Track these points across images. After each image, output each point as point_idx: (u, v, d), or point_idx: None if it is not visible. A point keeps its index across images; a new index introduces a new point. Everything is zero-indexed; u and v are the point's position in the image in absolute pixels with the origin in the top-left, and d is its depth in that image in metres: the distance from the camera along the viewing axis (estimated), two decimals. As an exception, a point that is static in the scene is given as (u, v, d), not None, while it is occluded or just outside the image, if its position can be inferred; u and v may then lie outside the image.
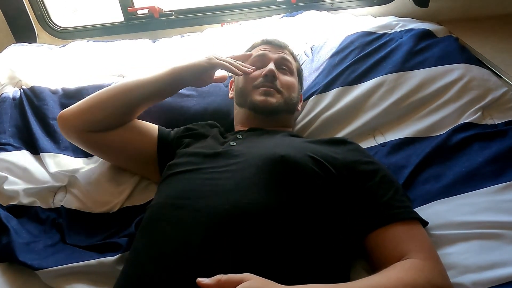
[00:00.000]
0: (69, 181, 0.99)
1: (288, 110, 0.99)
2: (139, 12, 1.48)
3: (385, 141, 1.02)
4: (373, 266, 0.71)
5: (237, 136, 0.90)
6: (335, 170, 0.75)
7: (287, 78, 0.99)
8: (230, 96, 1.08)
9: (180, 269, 0.61)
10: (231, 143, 0.86)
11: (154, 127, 0.99)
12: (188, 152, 0.86)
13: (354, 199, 0.74)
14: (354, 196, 0.74)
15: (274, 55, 1.01)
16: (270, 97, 0.94)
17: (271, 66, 0.97)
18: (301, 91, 1.10)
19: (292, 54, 1.08)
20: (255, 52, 1.04)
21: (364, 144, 1.01)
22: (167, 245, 0.65)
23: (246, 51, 1.09)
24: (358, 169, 0.77)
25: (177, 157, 0.87)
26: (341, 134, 1.05)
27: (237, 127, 1.01)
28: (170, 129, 1.01)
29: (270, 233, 0.64)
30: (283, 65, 1.01)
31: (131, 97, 0.95)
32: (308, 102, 1.10)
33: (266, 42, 1.06)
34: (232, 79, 1.11)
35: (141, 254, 0.67)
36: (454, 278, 0.68)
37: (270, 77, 0.95)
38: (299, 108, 1.07)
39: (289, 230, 0.66)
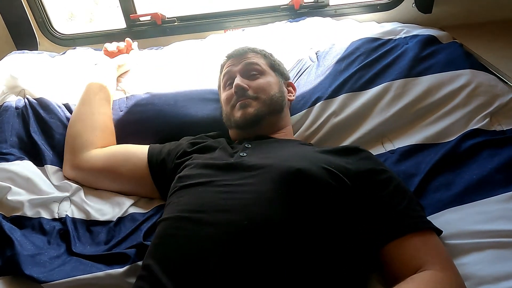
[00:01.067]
0: (73, 191, 0.97)
1: (273, 110, 0.97)
2: (141, 19, 1.47)
3: (393, 148, 1.01)
4: (389, 278, 0.70)
5: (246, 145, 0.89)
6: (349, 180, 0.74)
7: (258, 82, 0.98)
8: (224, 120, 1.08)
9: (197, 286, 0.60)
10: (241, 153, 0.84)
11: (143, 148, 1.00)
12: (199, 163, 0.84)
13: (368, 209, 0.73)
14: (368, 206, 0.73)
15: (237, 67, 1.01)
16: (247, 108, 0.94)
17: (237, 80, 0.97)
18: (286, 80, 1.09)
19: (258, 52, 1.06)
20: (223, 72, 1.05)
21: (373, 151, 0.99)
22: (184, 261, 0.64)
23: (220, 73, 1.09)
24: (371, 179, 0.76)
25: (187, 168, 0.85)
26: (349, 141, 1.05)
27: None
28: (163, 145, 1.00)
29: (288, 247, 0.64)
30: (250, 71, 1.00)
31: (90, 121, 1.05)
32: (315, 108, 1.09)
33: (229, 57, 1.07)
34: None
35: (156, 270, 0.65)
36: (470, 290, 0.67)
37: (240, 91, 0.95)
38: (293, 97, 1.07)
39: (307, 243, 0.65)
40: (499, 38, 1.35)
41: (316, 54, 1.25)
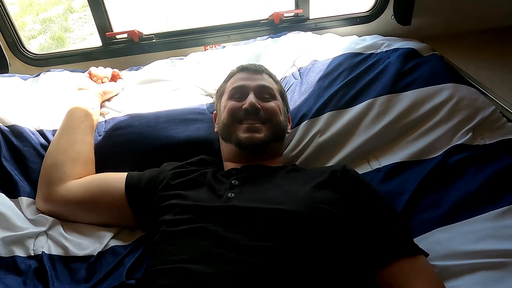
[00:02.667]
0: (50, 225, 0.92)
1: (277, 137, 0.95)
2: (118, 36, 1.42)
3: (379, 166, 1.01)
4: None
5: (233, 182, 0.84)
6: (339, 211, 0.74)
7: (270, 105, 0.95)
8: (215, 130, 1.04)
9: None
10: (229, 194, 0.80)
11: (121, 177, 0.94)
12: (186, 206, 0.80)
13: (359, 235, 0.74)
14: (359, 232, 0.74)
15: (252, 84, 0.97)
16: (255, 133, 0.90)
17: (251, 98, 0.93)
18: (288, 112, 1.07)
19: (271, 76, 1.04)
20: (233, 82, 1.00)
21: (359, 170, 0.99)
22: None
23: (224, 81, 1.06)
24: (360, 203, 0.77)
25: (174, 212, 0.80)
26: (335, 160, 1.03)
27: (227, 164, 0.96)
28: (142, 173, 0.95)
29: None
30: (264, 93, 0.97)
31: (71, 151, 0.99)
32: (300, 127, 1.08)
33: (243, 69, 1.02)
34: (215, 111, 1.07)
35: None
36: (465, 315, 0.66)
37: (253, 111, 0.91)
38: (289, 131, 1.04)
39: (306, 281, 0.66)
40: (477, 49, 1.37)
41: (298, 71, 1.24)
